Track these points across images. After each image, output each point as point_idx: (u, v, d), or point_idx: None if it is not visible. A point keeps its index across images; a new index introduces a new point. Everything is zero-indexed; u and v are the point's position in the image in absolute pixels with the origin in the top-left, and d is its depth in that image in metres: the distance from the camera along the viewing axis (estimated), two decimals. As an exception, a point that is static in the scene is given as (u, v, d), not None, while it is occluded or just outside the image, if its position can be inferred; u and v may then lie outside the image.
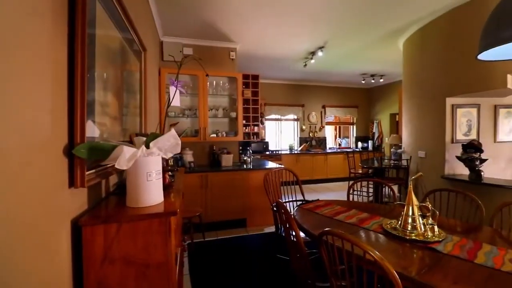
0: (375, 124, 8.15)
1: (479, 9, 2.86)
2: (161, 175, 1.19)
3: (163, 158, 1.41)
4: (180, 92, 1.53)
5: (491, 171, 3.20)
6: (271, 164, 4.03)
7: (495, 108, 3.39)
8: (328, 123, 8.21)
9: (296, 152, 7.05)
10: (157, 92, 3.35)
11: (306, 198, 2.66)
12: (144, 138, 1.19)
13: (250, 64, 5.47)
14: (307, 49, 4.67)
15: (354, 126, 8.49)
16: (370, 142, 8.10)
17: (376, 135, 8.06)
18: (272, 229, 3.49)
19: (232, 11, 3.15)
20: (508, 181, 2.91)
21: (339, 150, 7.56)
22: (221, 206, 3.52)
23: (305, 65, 5.37)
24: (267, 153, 6.63)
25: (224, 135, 3.85)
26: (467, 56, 2.92)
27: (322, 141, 7.86)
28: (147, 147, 1.13)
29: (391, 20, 3.51)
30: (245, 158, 3.98)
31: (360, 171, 5.85)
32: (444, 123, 3.27)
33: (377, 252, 1.03)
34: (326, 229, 1.23)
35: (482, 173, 2.91)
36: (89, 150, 0.99)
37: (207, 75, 2.98)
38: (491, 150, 3.28)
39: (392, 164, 4.57)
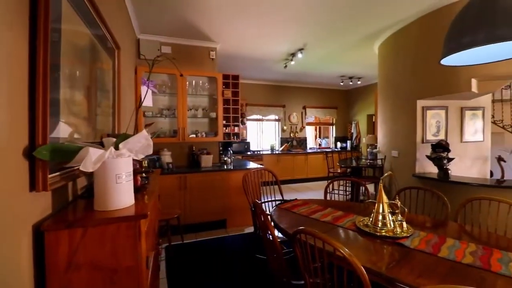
0: (353, 125, 8.40)
1: (445, 17, 3.02)
2: (131, 177, 1.15)
3: (135, 160, 1.37)
4: (153, 92, 1.50)
5: (458, 170, 3.40)
6: (252, 165, 4.04)
7: (462, 110, 3.61)
8: (309, 124, 8.36)
9: (277, 152, 7.11)
10: (133, 91, 3.26)
11: (287, 198, 2.70)
12: (114, 139, 1.15)
13: (231, 64, 5.46)
14: (287, 50, 4.73)
15: (334, 127, 8.70)
16: (348, 142, 8.34)
17: (354, 136, 8.31)
18: (252, 229, 3.50)
19: (211, 10, 3.13)
20: (473, 178, 3.11)
21: (319, 150, 7.71)
22: (201, 207, 3.48)
23: (285, 66, 5.43)
24: (249, 153, 6.64)
25: (204, 135, 3.81)
26: (435, 61, 3.08)
27: (302, 141, 7.99)
28: (116, 148, 1.10)
29: (367, 24, 3.63)
30: (225, 159, 3.96)
31: (339, 171, 6.02)
32: (415, 124, 3.43)
33: (346, 249, 1.06)
34: (300, 227, 1.26)
35: (449, 171, 3.07)
36: (52, 152, 0.95)
37: (181, 75, 2.93)
38: (458, 149, 3.48)
39: (368, 164, 4.73)
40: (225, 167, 3.71)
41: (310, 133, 8.56)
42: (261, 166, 3.80)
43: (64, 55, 1.15)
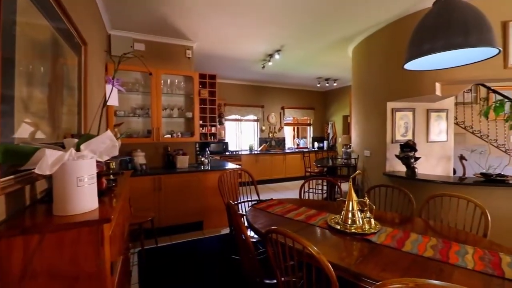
0: (329, 125, 8.64)
1: (411, 24, 3.17)
2: (95, 180, 1.10)
3: (101, 161, 1.31)
4: (120, 91, 1.44)
5: (424, 168, 3.61)
6: (230, 165, 4.01)
7: (427, 112, 3.83)
8: (287, 124, 8.47)
9: (256, 152, 7.14)
10: (103, 89, 3.11)
11: (265, 197, 2.71)
12: (76, 140, 1.09)
13: (208, 63, 5.39)
14: (265, 51, 4.76)
15: (311, 127, 8.89)
16: (325, 142, 8.56)
17: (330, 136, 8.55)
18: (229, 230, 3.48)
19: (187, 8, 3.07)
20: (438, 176, 3.31)
21: (297, 150, 7.84)
22: (176, 209, 3.40)
23: (263, 67, 5.47)
24: (227, 153, 6.60)
25: (180, 135, 3.72)
26: (402, 65, 3.25)
27: (281, 142, 8.08)
28: (78, 149, 1.04)
29: (341, 28, 3.75)
30: (202, 159, 3.91)
31: (316, 170, 6.16)
32: (385, 125, 3.59)
33: (314, 247, 1.09)
34: (272, 227, 1.27)
35: (416, 170, 3.25)
36: (4, 153, 0.88)
37: (149, 73, 2.85)
38: (424, 149, 3.69)
39: (343, 163, 4.89)
40: (202, 168, 3.66)
41: (288, 133, 8.68)
42: (239, 166, 3.79)
43: (20, 49, 1.07)
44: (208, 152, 4.26)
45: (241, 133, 7.74)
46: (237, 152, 6.86)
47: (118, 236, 1.34)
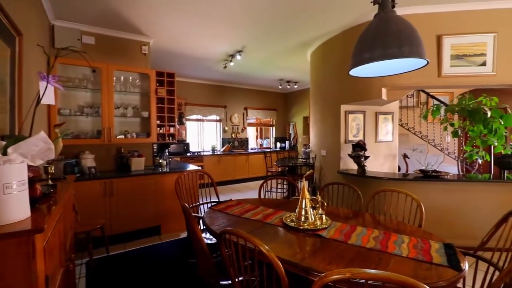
0: (291, 126, 8.93)
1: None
2: (26, 186, 0.99)
3: (35, 166, 1.19)
4: (60, 87, 1.32)
5: (373, 166, 3.92)
6: (192, 167, 3.91)
7: (376, 115, 4.17)
8: (250, 125, 8.54)
9: (218, 153, 7.07)
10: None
11: (228, 198, 2.69)
12: (3, 143, 0.97)
13: (167, 61, 5.20)
14: (226, 51, 4.75)
15: (274, 128, 9.09)
16: (287, 143, 8.82)
17: (292, 136, 8.84)
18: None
19: (142, 2, 2.91)
20: (385, 173, 3.63)
21: (260, 150, 7.94)
22: (131, 215, 3.22)
23: (225, 67, 5.44)
24: (188, 154, 6.43)
25: (135, 136, 3.52)
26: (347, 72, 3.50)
27: (244, 142, 8.12)
28: (5, 153, 0.93)
29: (300, 33, 3.89)
30: (160, 161, 3.75)
31: (279, 170, 6.32)
32: (339, 126, 3.83)
33: (265, 246, 1.11)
34: (225, 228, 1.27)
35: (366, 168, 3.52)
36: None
37: (93, 70, 2.66)
38: (373, 148, 4.01)
39: (302, 162, 5.09)
40: (160, 170, 3.51)
41: (251, 133, 8.76)
42: (199, 167, 3.71)
43: None
44: (167, 153, 4.10)
45: (203, 134, 7.60)
46: (199, 153, 6.72)
47: (56, 247, 1.22)
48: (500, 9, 2.95)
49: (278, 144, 8.77)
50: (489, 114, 3.58)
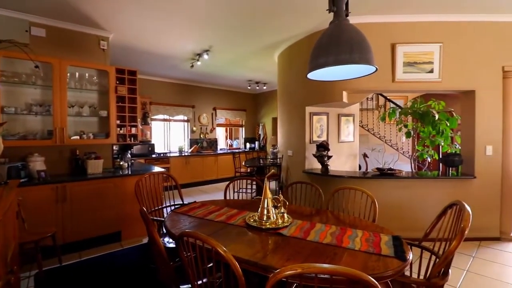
0: (260, 127, 9.02)
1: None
2: None
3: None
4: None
5: (336, 165, 4.11)
6: (157, 169, 3.76)
7: (338, 116, 4.37)
8: (219, 125, 8.47)
9: (186, 154, 6.90)
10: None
11: (197, 200, 2.63)
12: None
13: (131, 58, 4.96)
14: (193, 50, 4.66)
15: (243, 128, 9.10)
16: (256, 143, 8.90)
17: (261, 137, 8.93)
18: (152, 237, 3.25)
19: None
20: (346, 172, 3.81)
21: (229, 151, 7.90)
22: (88, 221, 3.00)
23: (192, 66, 5.33)
24: (154, 156, 6.18)
25: (92, 137, 3.29)
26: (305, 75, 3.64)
27: (213, 143, 8.02)
28: None
29: (267, 35, 3.95)
30: (121, 163, 3.55)
31: (249, 170, 6.34)
32: (304, 127, 3.96)
33: (222, 247, 1.11)
34: (182, 231, 1.24)
35: (329, 167, 3.68)
36: None
37: (36, 66, 2.45)
38: (336, 148, 4.20)
39: (270, 163, 5.16)
40: (120, 173, 3.32)
41: (221, 134, 8.69)
42: (164, 169, 3.58)
43: None
44: (129, 155, 3.90)
45: (170, 134, 7.36)
46: (165, 154, 6.49)
47: (-11, 260, 1.10)
48: (445, 21, 3.26)
49: (248, 145, 8.80)
50: (437, 116, 3.96)
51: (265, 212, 1.76)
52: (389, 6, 3.04)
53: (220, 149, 8.21)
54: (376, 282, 0.84)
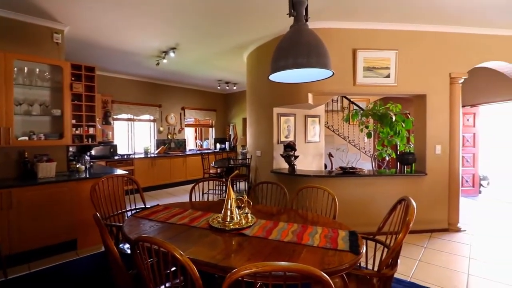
0: (231, 127, 8.98)
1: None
2: None
3: None
4: None
5: (303, 165, 4.23)
6: (118, 171, 3.55)
7: (305, 117, 4.51)
8: (188, 125, 8.27)
9: (152, 155, 6.63)
10: None
11: (164, 203, 2.52)
12: None
13: (89, 53, 4.65)
14: (159, 47, 4.50)
15: (213, 129, 8.99)
16: (227, 144, 8.84)
17: (232, 137, 8.89)
18: (113, 244, 3.08)
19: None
20: (312, 171, 3.94)
21: (198, 152, 7.75)
22: (38, 229, 2.75)
23: (158, 63, 5.14)
24: (116, 158, 5.85)
25: (43, 137, 3.01)
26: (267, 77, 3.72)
27: (181, 143, 7.81)
28: None
29: (233, 35, 3.95)
30: (78, 166, 3.31)
31: (218, 171, 6.27)
32: (272, 128, 4.02)
33: (178, 250, 1.08)
34: (137, 236, 1.19)
35: (295, 166, 3.77)
36: None
37: None
38: (302, 148, 4.32)
39: (240, 163, 5.16)
40: (77, 176, 3.09)
41: (190, 134, 8.49)
42: (127, 172, 3.40)
43: None
44: (88, 157, 3.65)
45: (134, 135, 7.02)
46: (129, 156, 6.17)
47: None
48: (400, 30, 3.52)
49: (218, 145, 8.71)
50: (394, 118, 4.25)
51: (229, 213, 1.76)
52: (348, 13, 3.20)
53: (189, 150, 8.02)
54: (327, 277, 0.88)
